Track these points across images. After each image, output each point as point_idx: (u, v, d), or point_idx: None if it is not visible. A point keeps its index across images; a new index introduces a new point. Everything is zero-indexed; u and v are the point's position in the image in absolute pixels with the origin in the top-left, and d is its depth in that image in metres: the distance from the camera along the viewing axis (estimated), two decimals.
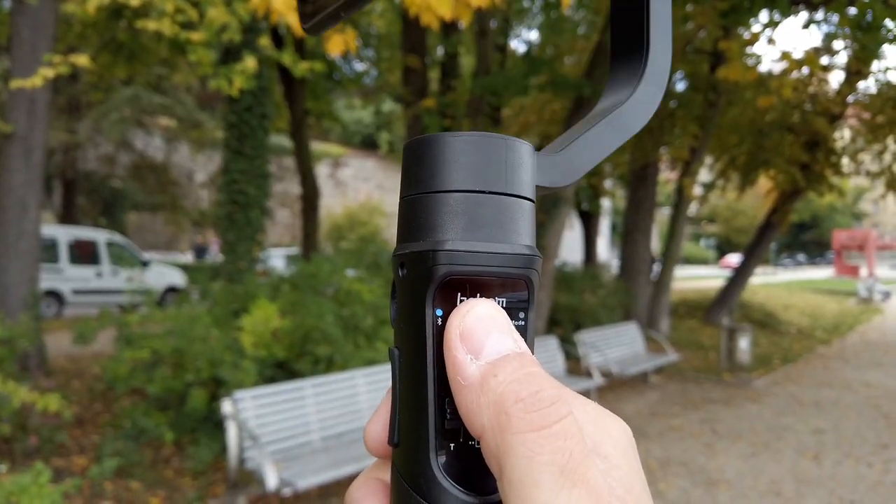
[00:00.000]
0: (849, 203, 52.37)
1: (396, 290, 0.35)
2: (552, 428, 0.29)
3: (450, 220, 0.33)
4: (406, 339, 0.34)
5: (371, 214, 30.92)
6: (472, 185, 0.33)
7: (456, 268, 0.32)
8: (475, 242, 0.32)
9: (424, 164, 0.34)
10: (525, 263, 0.34)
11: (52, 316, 12.89)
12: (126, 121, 17.83)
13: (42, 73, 5.43)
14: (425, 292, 0.32)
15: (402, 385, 0.34)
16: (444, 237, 0.32)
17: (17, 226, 6.21)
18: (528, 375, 0.31)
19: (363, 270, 7.40)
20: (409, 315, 0.33)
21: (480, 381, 0.31)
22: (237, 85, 5.75)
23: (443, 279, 0.32)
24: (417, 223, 0.34)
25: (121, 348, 5.54)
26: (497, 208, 0.33)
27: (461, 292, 0.33)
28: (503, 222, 0.33)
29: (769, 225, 15.10)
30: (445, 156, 0.33)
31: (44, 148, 6.46)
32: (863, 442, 6.75)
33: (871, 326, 17.29)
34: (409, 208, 0.34)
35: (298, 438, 5.09)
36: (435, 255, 0.32)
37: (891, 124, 13.11)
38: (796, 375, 10.33)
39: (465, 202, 0.33)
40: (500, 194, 0.34)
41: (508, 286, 0.34)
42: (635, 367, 8.89)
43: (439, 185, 0.33)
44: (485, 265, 0.32)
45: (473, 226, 0.33)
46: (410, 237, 0.34)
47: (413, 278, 0.33)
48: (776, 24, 8.62)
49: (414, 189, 0.34)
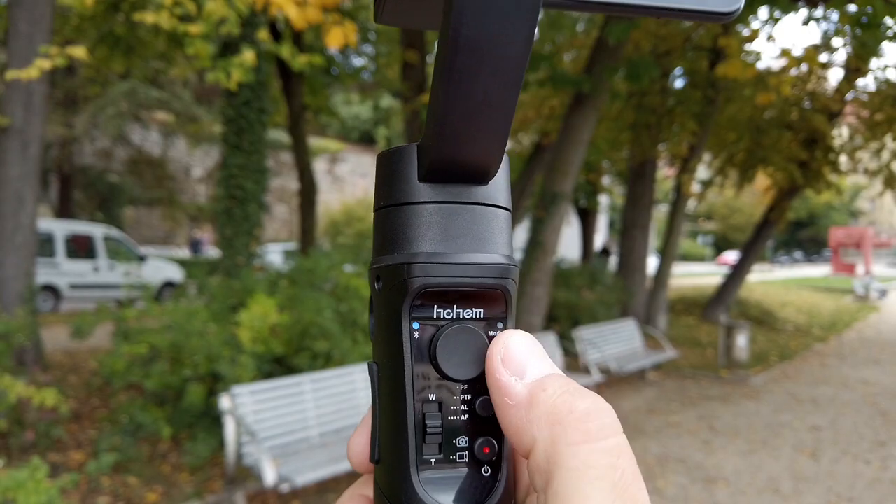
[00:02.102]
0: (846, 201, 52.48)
1: (373, 304, 0.34)
2: (607, 441, 0.29)
3: (423, 232, 0.32)
4: (384, 354, 0.33)
5: (368, 210, 30.86)
6: (445, 196, 0.32)
7: (431, 280, 0.31)
8: (449, 254, 0.32)
9: (396, 175, 0.33)
10: (501, 273, 0.33)
11: (48, 310, 12.85)
12: (123, 115, 17.76)
13: (39, 65, 5.38)
14: (401, 306, 0.32)
15: (381, 400, 0.34)
16: (417, 249, 0.32)
17: (13, 219, 6.17)
18: (578, 390, 0.31)
19: (361, 266, 7.39)
20: (386, 329, 0.33)
21: (529, 397, 0.31)
22: (235, 78, 5.71)
23: (418, 292, 0.32)
24: (391, 235, 0.33)
25: (118, 343, 5.52)
26: (471, 218, 0.33)
27: (437, 304, 0.32)
28: (478, 232, 0.33)
29: (766, 222, 15.12)
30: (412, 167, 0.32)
31: (40, 141, 6.41)
32: (860, 439, 6.77)
33: (867, 324, 17.34)
34: (383, 220, 0.33)
35: (296, 434, 5.08)
36: (409, 268, 0.31)
37: (889, 122, 13.12)
38: (793, 372, 10.36)
39: (437, 213, 0.32)
40: (474, 204, 0.33)
41: (486, 297, 0.33)
42: (633, 363, 8.90)
43: (411, 197, 0.32)
44: (460, 276, 0.32)
45: (447, 237, 0.32)
46: (385, 250, 0.33)
47: (388, 292, 0.32)
48: (776, 21, 8.61)
49: (386, 200, 0.33)
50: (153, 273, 13.53)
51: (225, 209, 7.39)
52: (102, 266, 13.98)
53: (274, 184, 22.51)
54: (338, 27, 5.13)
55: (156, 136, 22.82)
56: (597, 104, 8.44)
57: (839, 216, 54.40)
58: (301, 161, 12.15)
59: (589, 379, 7.85)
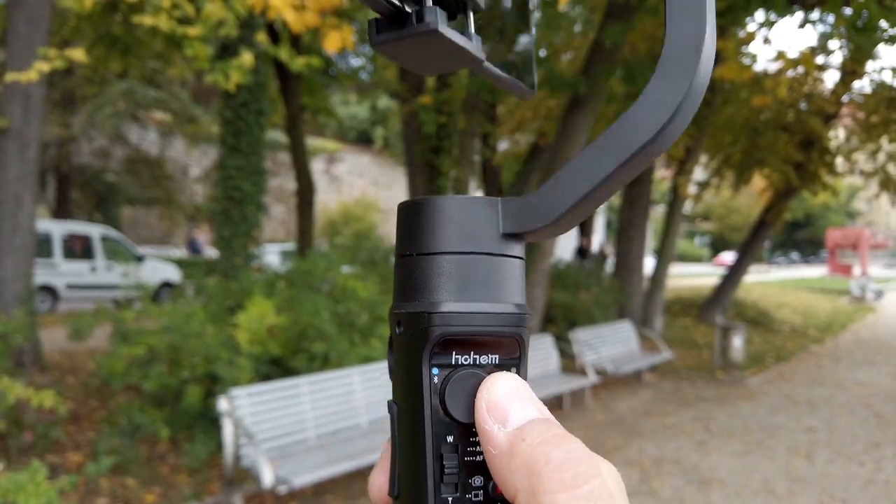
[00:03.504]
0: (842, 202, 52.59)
1: (394, 346, 0.36)
2: (583, 488, 0.30)
3: (443, 282, 0.34)
4: (404, 395, 0.35)
5: (366, 210, 31.02)
6: (463, 246, 0.34)
7: (450, 329, 0.33)
8: (468, 303, 0.33)
9: (417, 225, 0.35)
10: (515, 322, 0.35)
11: (46, 311, 12.85)
12: (120, 115, 17.77)
13: (37, 67, 5.39)
14: (422, 351, 0.33)
15: (401, 439, 0.35)
16: (438, 299, 0.33)
17: (11, 221, 6.18)
18: (555, 437, 0.31)
19: (359, 267, 7.40)
20: (406, 372, 0.34)
21: (509, 447, 0.32)
22: (234, 80, 5.73)
23: (437, 340, 0.33)
24: (413, 283, 0.34)
25: (116, 344, 5.53)
26: (487, 268, 0.34)
27: (455, 350, 0.34)
28: (494, 282, 0.34)
29: (763, 223, 15.16)
30: (436, 218, 0.34)
31: (39, 143, 6.43)
32: (855, 440, 6.81)
33: (863, 325, 17.40)
34: (405, 268, 0.35)
35: (294, 436, 5.10)
36: (430, 317, 0.33)
37: (885, 124, 13.17)
38: (789, 374, 10.40)
39: (456, 263, 0.34)
40: (490, 255, 0.34)
41: (501, 343, 0.35)
42: (630, 365, 8.93)
43: (432, 247, 0.34)
44: (477, 325, 0.33)
45: (465, 286, 0.34)
46: (406, 297, 0.35)
47: (410, 337, 0.34)
48: (772, 23, 8.64)
49: (408, 249, 0.35)
50: (151, 273, 13.51)
51: (223, 210, 7.40)
52: (100, 266, 13.98)
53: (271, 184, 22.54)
54: (335, 31, 5.15)
55: (153, 135, 22.81)
56: (594, 106, 8.47)
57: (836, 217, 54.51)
58: (298, 161, 12.17)
59: (585, 380, 7.88)
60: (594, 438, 6.63)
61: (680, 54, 0.32)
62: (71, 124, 17.48)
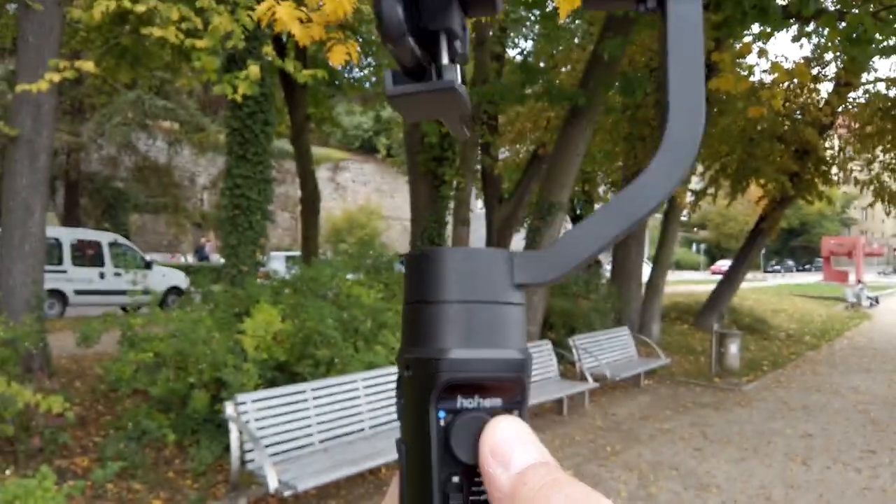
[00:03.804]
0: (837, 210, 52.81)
1: (402, 388, 0.38)
2: None
3: (449, 329, 0.36)
4: (412, 436, 0.36)
5: (370, 217, 31.38)
6: (467, 295, 0.36)
7: (456, 375, 0.35)
8: (472, 350, 0.35)
9: (424, 275, 0.37)
10: (518, 368, 0.37)
11: (55, 316, 12.98)
12: (129, 123, 17.98)
13: (48, 78, 5.49)
14: (429, 396, 0.35)
15: (408, 477, 0.37)
16: (444, 345, 0.35)
17: (21, 228, 6.27)
18: (556, 481, 0.32)
19: (363, 274, 7.51)
20: (414, 415, 0.36)
21: (512, 490, 0.33)
22: (241, 91, 5.84)
23: (444, 385, 0.35)
24: (420, 330, 0.36)
25: (124, 350, 5.61)
26: (491, 316, 0.36)
27: (461, 394, 0.36)
28: (497, 329, 0.36)
29: (759, 231, 15.29)
30: (442, 268, 0.36)
31: (49, 151, 6.53)
32: (851, 447, 6.89)
33: (858, 332, 17.53)
34: (413, 314, 0.37)
35: (299, 441, 5.19)
36: (437, 363, 0.35)
37: (880, 134, 13.34)
38: (785, 380, 10.50)
39: (461, 312, 0.36)
40: (493, 303, 0.36)
41: (504, 388, 0.37)
42: (627, 371, 9.04)
43: (438, 296, 0.36)
44: (482, 371, 0.36)
45: (470, 334, 0.36)
46: (415, 342, 0.37)
47: (417, 382, 0.36)
48: (768, 36, 8.78)
49: (416, 297, 0.37)
50: (159, 279, 13.75)
51: (229, 218, 7.51)
52: (108, 272, 14.14)
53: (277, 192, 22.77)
54: (340, 45, 5.26)
55: (161, 144, 23.03)
56: (592, 117, 8.60)
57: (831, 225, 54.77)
58: (304, 170, 12.29)
59: (584, 386, 7.99)
60: (593, 443, 6.73)
61: (683, 139, 0.37)
62: (80, 133, 17.68)
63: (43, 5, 6.37)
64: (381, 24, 0.36)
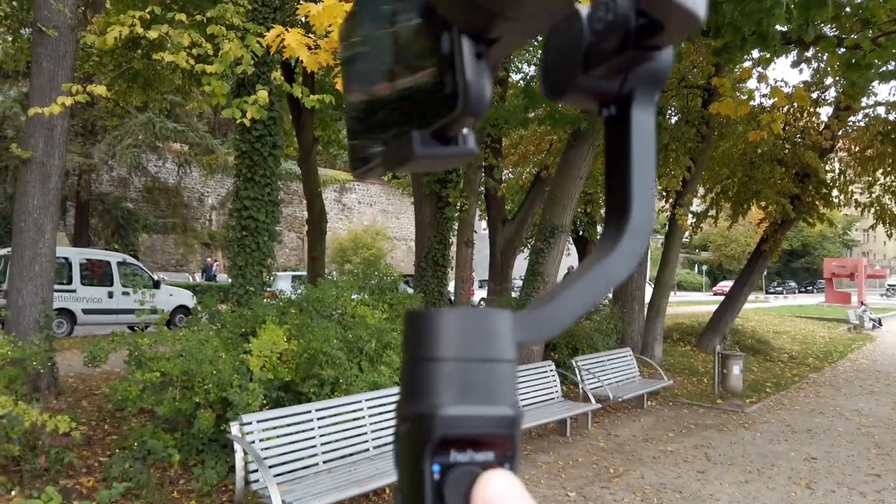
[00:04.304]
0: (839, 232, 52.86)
1: (399, 440, 0.39)
2: None
3: (444, 386, 0.37)
4: (408, 488, 0.38)
5: (375, 238, 31.72)
6: (462, 354, 0.38)
7: (451, 430, 0.36)
8: (467, 406, 0.37)
9: (421, 334, 0.38)
10: (510, 424, 0.38)
11: (64, 334, 13.10)
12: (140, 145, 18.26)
13: (60, 101, 5.61)
14: (423, 450, 0.37)
15: None
16: (439, 402, 0.37)
17: (32, 248, 6.36)
18: None
19: (367, 294, 7.57)
20: (409, 467, 0.38)
21: None
22: (250, 115, 5.96)
23: (439, 440, 0.36)
24: (417, 385, 0.38)
25: (131, 370, 5.66)
26: (484, 374, 0.38)
27: (455, 448, 0.38)
28: (490, 386, 0.38)
29: (761, 253, 15.34)
30: (439, 328, 0.38)
31: (61, 173, 6.65)
32: (855, 470, 6.87)
33: (862, 354, 17.47)
34: (410, 370, 0.39)
35: (303, 461, 5.21)
36: (432, 419, 0.36)
37: (880, 157, 13.44)
38: (789, 402, 10.48)
39: (456, 369, 0.37)
40: (486, 361, 0.38)
41: (496, 442, 0.39)
42: (630, 392, 9.05)
43: (434, 354, 0.38)
44: (475, 427, 0.37)
45: (464, 390, 0.37)
46: (412, 397, 0.38)
47: (413, 436, 0.37)
48: (767, 61, 8.92)
49: (413, 354, 0.38)
50: (166, 299, 13.96)
51: (237, 239, 7.61)
52: (117, 292, 14.29)
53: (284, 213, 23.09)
54: None
55: (171, 165, 23.37)
56: (594, 141, 8.71)
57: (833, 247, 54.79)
58: (311, 192, 12.41)
59: (587, 407, 8.00)
60: (596, 465, 6.73)
61: (642, 228, 0.42)
62: (92, 154, 17.96)
63: (58, 31, 6.53)
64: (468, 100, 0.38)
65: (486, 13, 0.36)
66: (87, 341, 6.50)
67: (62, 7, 6.54)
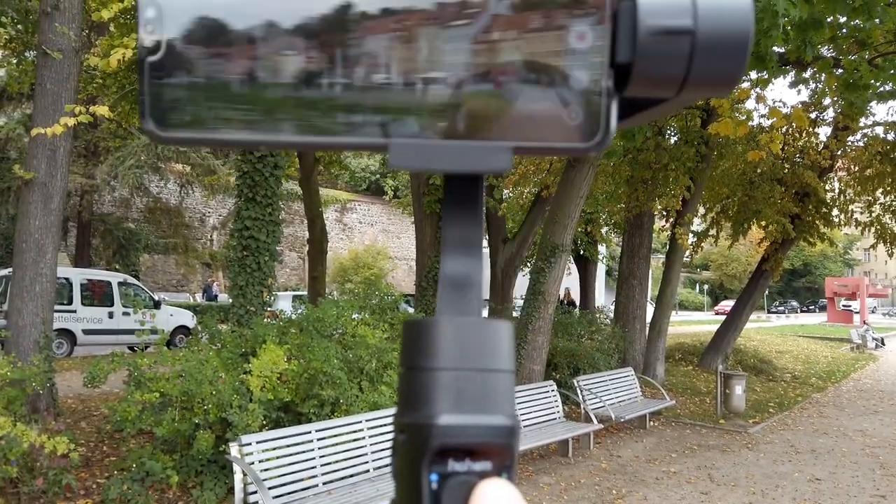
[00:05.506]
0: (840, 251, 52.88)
1: (396, 450, 0.38)
2: None
3: (441, 396, 0.37)
4: (405, 498, 0.37)
5: (376, 257, 31.87)
6: (460, 363, 0.37)
7: (448, 440, 0.36)
8: (464, 415, 0.36)
9: (419, 343, 0.38)
10: (507, 434, 0.37)
11: (63, 355, 13.10)
12: (142, 166, 18.38)
13: (63, 122, 5.65)
14: (421, 460, 0.36)
15: None
16: (436, 411, 0.36)
17: (33, 269, 6.37)
18: None
19: (368, 313, 7.56)
20: (407, 477, 0.37)
21: None
22: None
23: (436, 450, 0.36)
24: (414, 395, 0.37)
25: (131, 390, 5.64)
26: (482, 383, 0.37)
27: (452, 458, 0.37)
28: (487, 396, 0.37)
29: (762, 272, 15.33)
30: (437, 337, 0.38)
31: (63, 194, 6.68)
32: (860, 491, 6.80)
33: (865, 374, 17.38)
34: (408, 379, 0.38)
35: (303, 482, 5.17)
36: (429, 429, 0.36)
37: (879, 177, 13.49)
38: (792, 422, 10.41)
39: (454, 379, 0.37)
40: (484, 371, 0.38)
41: (494, 451, 0.38)
42: (632, 412, 8.99)
43: (432, 364, 0.37)
44: (473, 437, 0.37)
45: (462, 400, 0.37)
46: (408, 407, 0.38)
47: (410, 445, 0.37)
48: (766, 82, 9.00)
49: (411, 363, 0.38)
50: (167, 319, 13.94)
51: (238, 259, 7.63)
52: (117, 312, 14.30)
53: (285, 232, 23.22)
54: None
55: (173, 186, 23.53)
56: (594, 161, 8.75)
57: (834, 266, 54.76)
58: (312, 212, 12.45)
59: (589, 427, 7.94)
60: (598, 486, 6.66)
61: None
62: (94, 175, 18.07)
63: (62, 54, 6.61)
64: (602, 145, 0.37)
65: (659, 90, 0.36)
66: (86, 362, 6.47)
67: (66, 30, 6.62)
